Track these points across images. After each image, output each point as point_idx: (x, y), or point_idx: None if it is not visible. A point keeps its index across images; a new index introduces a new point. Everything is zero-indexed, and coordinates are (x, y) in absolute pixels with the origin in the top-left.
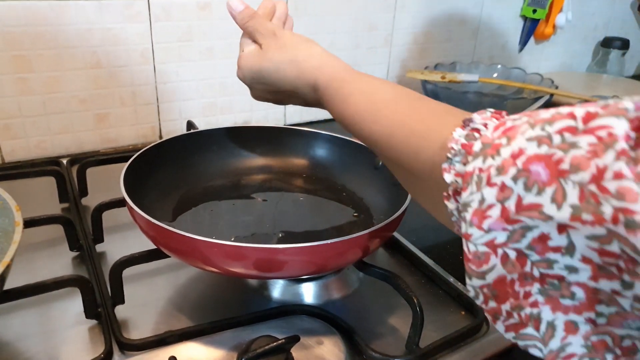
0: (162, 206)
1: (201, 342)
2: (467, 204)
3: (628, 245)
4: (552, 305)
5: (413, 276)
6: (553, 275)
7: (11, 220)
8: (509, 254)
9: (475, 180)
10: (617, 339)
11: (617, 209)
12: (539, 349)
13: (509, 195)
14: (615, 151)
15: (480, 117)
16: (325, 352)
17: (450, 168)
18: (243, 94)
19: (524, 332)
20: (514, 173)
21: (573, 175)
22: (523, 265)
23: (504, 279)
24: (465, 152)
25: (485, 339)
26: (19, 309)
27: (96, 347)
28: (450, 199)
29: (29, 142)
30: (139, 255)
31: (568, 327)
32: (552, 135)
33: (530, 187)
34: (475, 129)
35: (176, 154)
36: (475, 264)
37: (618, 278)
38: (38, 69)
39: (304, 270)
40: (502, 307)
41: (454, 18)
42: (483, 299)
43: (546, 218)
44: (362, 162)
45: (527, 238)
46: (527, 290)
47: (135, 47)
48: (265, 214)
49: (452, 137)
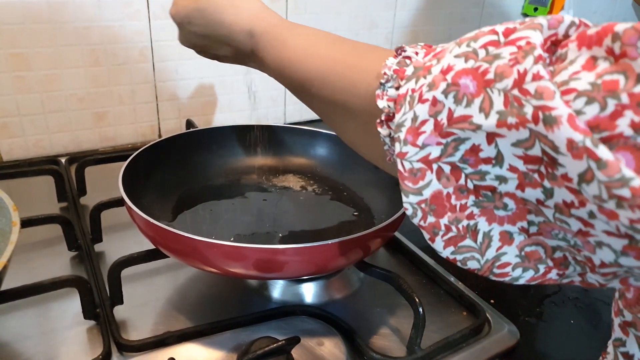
0: (161, 206)
1: (201, 343)
2: (401, 124)
3: (547, 143)
4: (487, 217)
5: (414, 276)
6: (485, 186)
7: (8, 220)
8: (443, 168)
9: (408, 100)
10: (549, 250)
11: (537, 107)
12: (476, 260)
13: (441, 109)
14: (533, 57)
15: (411, 48)
16: (326, 353)
17: (383, 94)
18: (243, 93)
19: (462, 244)
20: (444, 87)
21: (498, 83)
22: (458, 179)
23: (440, 193)
24: (397, 77)
25: (487, 340)
26: (16, 310)
27: (95, 348)
28: (383, 126)
29: (27, 140)
30: (137, 255)
31: (503, 237)
32: (477, 50)
33: (460, 100)
34: (407, 56)
35: (175, 153)
36: (411, 181)
37: (540, 185)
38: (36, 67)
39: (305, 270)
40: (440, 221)
41: (454, 16)
42: (422, 214)
43: (476, 128)
44: (362, 161)
45: (459, 151)
46: (463, 203)
47: (134, 45)
48: (265, 214)
49: (385, 65)
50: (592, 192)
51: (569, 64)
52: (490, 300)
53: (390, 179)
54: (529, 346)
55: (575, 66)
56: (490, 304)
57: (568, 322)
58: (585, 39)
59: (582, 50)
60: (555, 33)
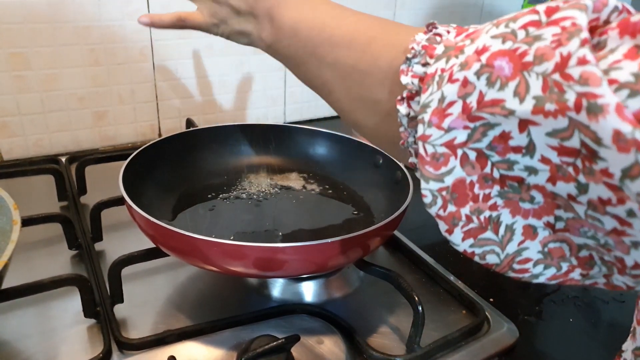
0: (161, 205)
1: (200, 341)
2: (427, 104)
3: (589, 134)
4: (511, 209)
5: (414, 275)
6: (513, 177)
7: (9, 219)
8: (468, 154)
9: (436, 80)
10: (574, 248)
11: (581, 94)
12: (496, 255)
13: (471, 91)
14: (579, 39)
15: (442, 27)
16: (326, 351)
17: (408, 70)
18: (243, 92)
19: (483, 236)
20: (477, 68)
21: (537, 66)
22: (483, 167)
23: (463, 181)
24: (425, 53)
25: (486, 338)
26: (17, 308)
27: (95, 346)
28: (403, 103)
29: (27, 140)
30: (138, 254)
31: (526, 232)
32: (516, 31)
33: (493, 82)
34: (437, 34)
35: (175, 152)
36: (432, 166)
37: (574, 180)
38: (36, 67)
39: (304, 269)
40: (461, 211)
41: (454, 15)
42: (442, 202)
43: (508, 113)
44: (362, 160)
45: (488, 137)
46: (487, 193)
47: (134, 45)
48: (265, 213)
49: (414, 39)
50: (636, 189)
51: (609, 53)
52: (490, 299)
53: (390, 178)
54: (528, 345)
55: (617, 55)
56: (489, 303)
57: (567, 321)
58: (629, 26)
59: (624, 38)
60: (597, 17)
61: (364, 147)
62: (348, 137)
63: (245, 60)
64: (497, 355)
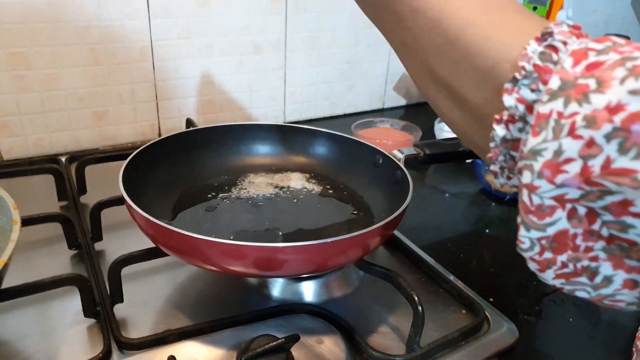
0: (161, 204)
1: (200, 341)
2: (538, 152)
3: None
4: (614, 263)
5: (413, 275)
6: (624, 239)
7: (9, 218)
8: (578, 209)
9: (552, 125)
10: None
11: None
12: (587, 292)
13: (596, 154)
14: None
15: (557, 29)
16: (326, 351)
17: (513, 90)
18: (243, 92)
19: (576, 280)
20: (609, 131)
21: None
22: (591, 223)
23: (566, 232)
24: (537, 78)
25: (486, 338)
26: (17, 308)
27: (95, 346)
28: (500, 123)
29: (27, 140)
30: (137, 253)
31: (627, 284)
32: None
33: (628, 150)
34: (552, 46)
35: (175, 151)
36: (537, 216)
37: None
38: (36, 67)
39: (304, 268)
40: (557, 258)
41: None
42: (539, 249)
43: (639, 186)
44: (362, 160)
45: (604, 201)
46: (590, 246)
47: (134, 45)
48: (265, 212)
49: (525, 54)
50: None
51: None
52: (490, 299)
53: (390, 178)
54: (528, 344)
55: None
56: (489, 303)
57: (567, 321)
58: None
59: None
60: None
61: (364, 147)
62: (348, 137)
63: (245, 60)
64: (497, 355)
